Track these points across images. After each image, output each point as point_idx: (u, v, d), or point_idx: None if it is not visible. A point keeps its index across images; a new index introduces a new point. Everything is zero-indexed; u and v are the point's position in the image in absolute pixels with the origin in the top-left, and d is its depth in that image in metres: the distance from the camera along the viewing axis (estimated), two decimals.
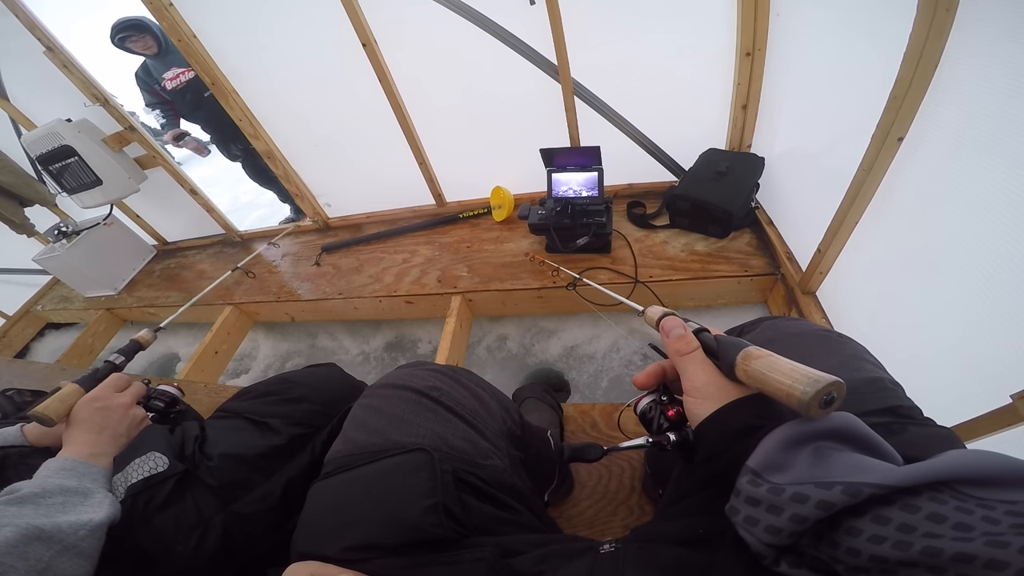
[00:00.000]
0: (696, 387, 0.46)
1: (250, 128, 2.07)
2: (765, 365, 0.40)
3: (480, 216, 2.17)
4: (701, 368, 0.47)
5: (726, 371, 0.45)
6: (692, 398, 0.46)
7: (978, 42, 0.77)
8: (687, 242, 1.71)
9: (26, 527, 0.55)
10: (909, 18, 0.84)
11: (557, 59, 1.62)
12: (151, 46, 2.64)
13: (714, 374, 0.46)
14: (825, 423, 0.38)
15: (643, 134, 1.83)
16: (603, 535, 0.98)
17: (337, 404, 0.89)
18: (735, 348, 0.44)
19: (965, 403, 0.82)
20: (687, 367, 0.48)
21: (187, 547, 0.66)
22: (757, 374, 0.41)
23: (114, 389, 0.82)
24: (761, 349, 0.43)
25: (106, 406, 0.78)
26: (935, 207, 0.92)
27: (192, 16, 1.77)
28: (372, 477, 0.56)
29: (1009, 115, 0.74)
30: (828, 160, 1.29)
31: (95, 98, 2.10)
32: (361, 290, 2.03)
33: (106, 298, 2.68)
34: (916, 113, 0.90)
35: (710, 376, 0.46)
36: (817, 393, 0.36)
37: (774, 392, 0.39)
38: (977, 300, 0.84)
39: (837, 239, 1.20)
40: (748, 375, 0.42)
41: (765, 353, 0.42)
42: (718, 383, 0.45)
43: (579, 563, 0.48)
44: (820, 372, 0.37)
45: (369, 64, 1.75)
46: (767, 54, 1.50)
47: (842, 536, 0.33)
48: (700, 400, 0.45)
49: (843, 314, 1.29)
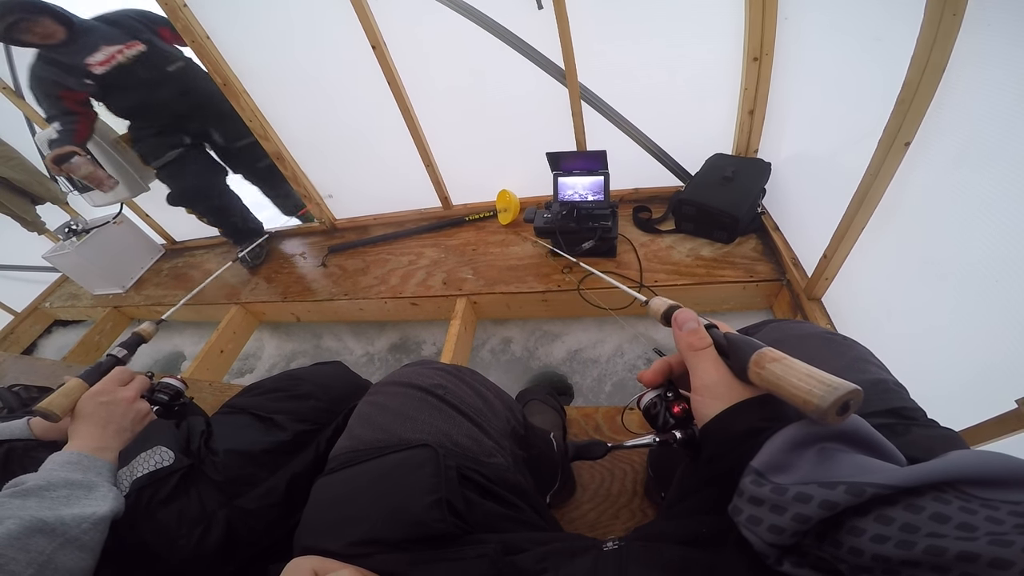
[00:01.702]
0: (706, 385, 0.45)
1: (260, 129, 2.09)
2: (780, 369, 0.40)
3: (486, 219, 2.18)
4: (712, 366, 0.46)
5: (736, 370, 0.44)
6: (701, 396, 0.46)
7: (985, 47, 0.77)
8: (693, 247, 1.71)
9: (29, 519, 0.55)
10: (916, 23, 0.84)
11: (564, 63, 1.63)
12: (53, 32, 1.83)
13: (725, 373, 0.45)
14: (832, 425, 0.38)
15: (649, 139, 1.83)
16: (605, 537, 0.98)
17: (343, 401, 0.90)
18: (749, 348, 0.43)
19: (970, 408, 0.82)
20: (698, 364, 0.47)
21: (190, 542, 0.67)
22: (772, 377, 0.40)
23: (118, 383, 0.82)
24: (776, 351, 0.42)
25: (110, 400, 0.78)
26: (941, 212, 0.92)
27: (206, 17, 1.79)
28: (376, 472, 0.57)
29: (1016, 120, 0.74)
30: (834, 165, 1.29)
31: None
32: (367, 291, 2.04)
33: (114, 296, 2.71)
34: (923, 118, 0.90)
35: (721, 375, 0.45)
36: (836, 401, 0.35)
37: (790, 397, 0.38)
38: (983, 305, 0.84)
39: (843, 245, 1.20)
40: (762, 378, 0.41)
41: (780, 355, 0.41)
42: (728, 382, 0.45)
43: (582, 561, 0.48)
44: (839, 379, 0.36)
45: (378, 67, 1.76)
46: (775, 58, 1.50)
47: (845, 536, 0.33)
48: (709, 400, 0.45)
49: (848, 320, 1.29)
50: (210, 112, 2.15)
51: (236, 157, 2.36)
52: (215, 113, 2.15)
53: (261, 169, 2.40)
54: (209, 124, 2.22)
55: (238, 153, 2.32)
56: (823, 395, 0.36)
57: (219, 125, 2.22)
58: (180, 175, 2.22)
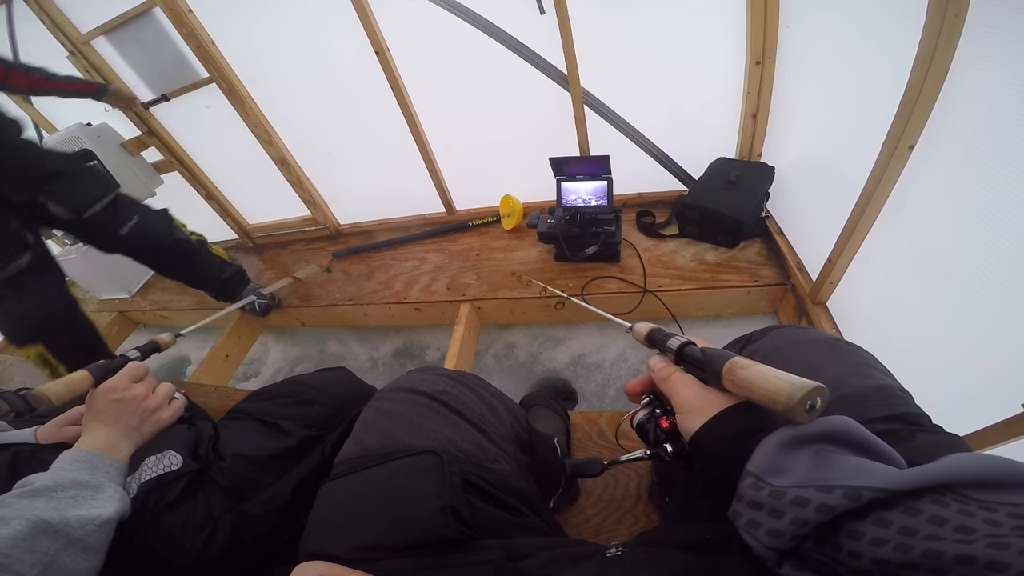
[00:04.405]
0: (681, 404, 0.48)
1: (264, 135, 2.11)
2: (751, 374, 0.42)
3: (489, 224, 2.18)
4: (682, 385, 0.49)
5: (714, 382, 0.46)
6: (682, 414, 0.47)
7: (988, 49, 0.77)
8: (697, 251, 1.71)
9: (35, 520, 0.55)
10: (919, 25, 0.84)
11: (567, 68, 1.64)
12: None
13: (697, 387, 0.48)
14: (820, 426, 0.38)
15: (652, 143, 1.83)
16: (609, 542, 0.97)
17: (348, 407, 0.90)
18: (721, 359, 0.45)
19: (976, 412, 0.82)
20: (671, 388, 0.50)
21: (195, 545, 0.67)
22: (743, 382, 0.42)
23: (130, 379, 0.81)
24: (745, 359, 0.44)
25: (121, 397, 0.77)
26: (946, 215, 0.92)
27: (211, 23, 1.81)
28: (381, 478, 0.57)
29: (1021, 122, 0.73)
30: (838, 169, 1.29)
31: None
32: (371, 296, 2.04)
33: (120, 301, 2.72)
34: (927, 121, 0.90)
35: (693, 390, 0.48)
36: (802, 398, 0.37)
37: (761, 399, 0.40)
38: (988, 309, 0.83)
39: (848, 249, 1.19)
40: (735, 384, 0.43)
41: (750, 363, 0.43)
42: (702, 395, 0.47)
43: (585, 567, 0.48)
44: (803, 379, 0.38)
45: (382, 72, 1.77)
46: (777, 62, 1.51)
47: (844, 539, 0.33)
48: (688, 415, 0.46)
49: (854, 324, 1.28)
50: (34, 175, 1.48)
51: (92, 230, 1.66)
52: (45, 176, 1.50)
53: (130, 238, 1.69)
54: (40, 192, 1.50)
55: (92, 224, 1.62)
56: (790, 393, 0.38)
57: (55, 191, 1.52)
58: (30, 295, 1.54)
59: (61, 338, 1.64)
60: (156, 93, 2.13)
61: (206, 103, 2.11)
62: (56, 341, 1.64)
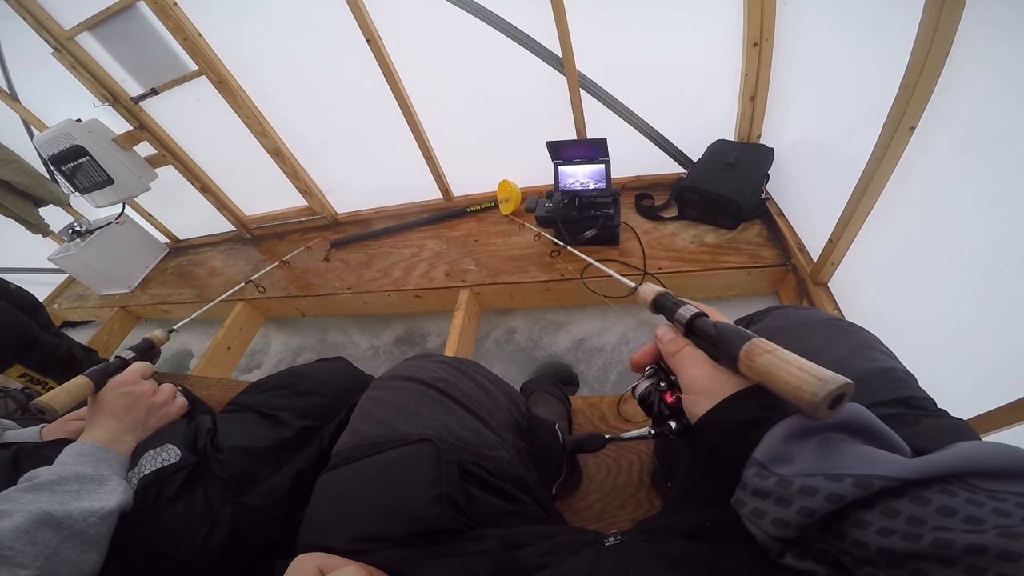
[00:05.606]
0: (689, 384, 0.46)
1: (258, 126, 2.08)
2: (772, 361, 0.39)
3: (487, 210, 2.17)
4: (691, 363, 0.46)
5: (726, 361, 0.44)
6: (689, 395, 0.46)
7: (990, 29, 0.75)
8: (696, 233, 1.70)
9: (38, 512, 0.56)
10: (919, 5, 0.82)
11: (562, 52, 1.61)
12: None
13: (707, 367, 0.45)
14: (833, 415, 0.37)
15: (650, 126, 1.81)
16: (611, 528, 0.97)
17: (345, 397, 0.90)
18: (739, 339, 0.42)
19: (980, 396, 0.81)
20: (679, 365, 0.48)
21: (196, 539, 0.67)
22: (762, 370, 0.39)
23: (140, 375, 0.84)
24: (767, 342, 0.41)
25: (131, 392, 0.79)
26: (948, 196, 0.90)
27: (197, 15, 1.78)
28: (377, 468, 0.57)
29: (1022, 103, 0.71)
30: (839, 150, 1.27)
31: (104, 98, 2.12)
32: (370, 285, 2.04)
33: (120, 296, 2.72)
34: (928, 102, 0.88)
35: (703, 370, 0.45)
36: (827, 395, 0.35)
37: (781, 391, 0.38)
38: (991, 291, 0.82)
39: (849, 229, 1.18)
40: (753, 370, 0.40)
41: (771, 347, 0.40)
42: (710, 375, 0.44)
43: (584, 556, 0.47)
44: (831, 372, 0.36)
45: (374, 60, 1.75)
46: (775, 43, 1.48)
47: (849, 528, 0.33)
48: (696, 396, 0.45)
49: (855, 305, 1.27)
50: None
51: None
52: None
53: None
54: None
55: None
56: (815, 390, 0.35)
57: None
58: None
59: (31, 356, 1.68)
60: (145, 87, 2.10)
61: (196, 96, 2.08)
62: (28, 360, 1.68)
